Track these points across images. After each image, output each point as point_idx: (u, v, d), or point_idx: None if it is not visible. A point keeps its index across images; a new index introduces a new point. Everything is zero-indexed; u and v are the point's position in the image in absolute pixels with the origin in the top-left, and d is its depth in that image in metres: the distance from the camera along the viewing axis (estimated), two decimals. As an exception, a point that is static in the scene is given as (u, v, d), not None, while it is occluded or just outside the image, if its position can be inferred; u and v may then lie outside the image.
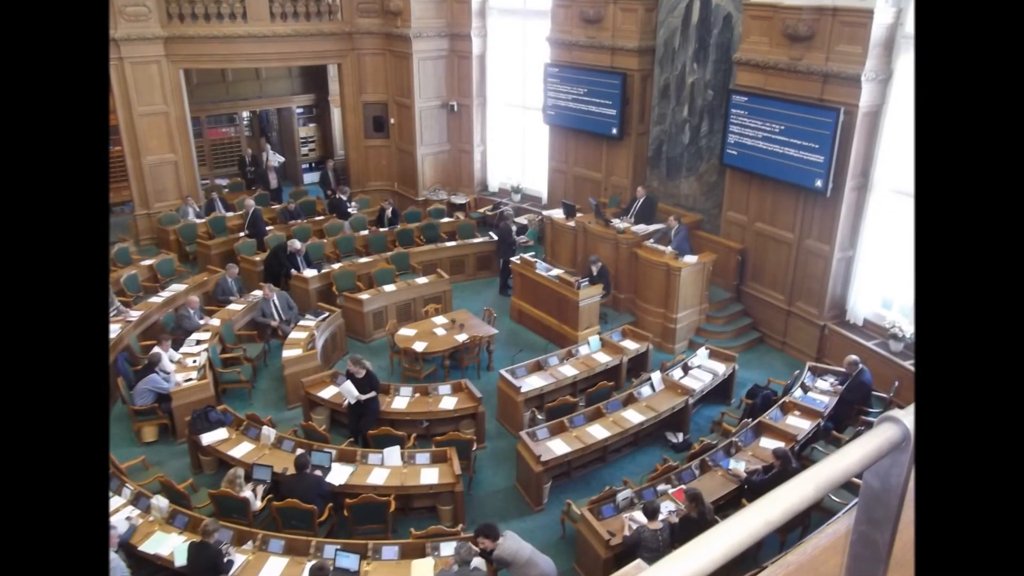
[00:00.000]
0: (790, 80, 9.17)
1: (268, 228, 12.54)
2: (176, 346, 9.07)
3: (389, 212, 13.14)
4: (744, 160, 9.98)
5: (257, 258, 11.65)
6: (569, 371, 8.75)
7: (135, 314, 9.71)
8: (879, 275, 9.24)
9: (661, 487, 6.68)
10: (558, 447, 7.31)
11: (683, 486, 6.57)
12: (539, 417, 8.23)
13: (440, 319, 9.96)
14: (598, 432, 7.56)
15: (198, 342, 9.25)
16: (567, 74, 12.18)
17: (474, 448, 7.65)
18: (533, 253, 11.70)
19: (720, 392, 8.86)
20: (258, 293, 10.39)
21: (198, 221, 12.91)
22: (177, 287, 10.77)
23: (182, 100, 13.17)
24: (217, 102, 16.50)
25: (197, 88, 15.44)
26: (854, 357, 8.10)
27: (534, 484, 7.26)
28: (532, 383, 8.43)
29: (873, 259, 9.23)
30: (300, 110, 17.57)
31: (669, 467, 7.09)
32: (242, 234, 12.39)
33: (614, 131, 11.77)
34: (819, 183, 8.94)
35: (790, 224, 9.71)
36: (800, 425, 7.55)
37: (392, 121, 14.87)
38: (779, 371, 9.42)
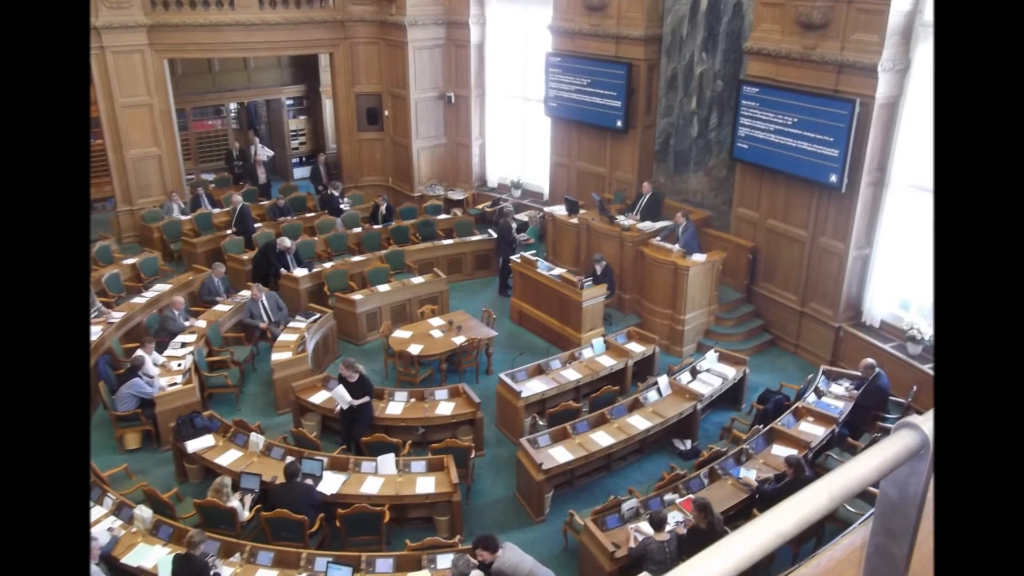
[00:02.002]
0: (803, 70, 9.18)
1: (256, 225, 12.55)
2: (160, 349, 9.07)
3: (383, 208, 13.14)
4: (755, 154, 9.98)
5: (245, 257, 11.66)
6: (572, 375, 8.75)
7: (117, 315, 9.72)
8: (896, 274, 9.24)
9: (668, 497, 6.68)
10: (560, 455, 7.31)
11: (691, 496, 6.58)
12: (540, 423, 8.23)
13: (437, 320, 9.96)
14: (602, 439, 7.56)
15: (183, 345, 9.25)
16: (570, 64, 12.19)
17: (472, 456, 7.65)
18: (534, 251, 11.71)
19: (730, 397, 8.86)
20: (246, 293, 10.39)
21: (183, 218, 12.92)
22: (161, 287, 10.77)
23: (166, 91, 13.17)
24: (203, 93, 16.51)
25: (182, 79, 15.45)
26: (870, 360, 8.11)
27: (535, 493, 7.26)
28: (533, 387, 8.43)
29: (890, 258, 9.23)
30: (290, 102, 17.59)
31: (676, 476, 7.09)
32: (229, 231, 12.39)
33: (619, 124, 11.77)
34: (834, 178, 8.94)
35: (803, 221, 9.71)
36: (814, 432, 7.55)
37: (386, 113, 14.87)
38: (792, 375, 9.43)
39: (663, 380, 8.39)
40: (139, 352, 8.52)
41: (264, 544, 6.23)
